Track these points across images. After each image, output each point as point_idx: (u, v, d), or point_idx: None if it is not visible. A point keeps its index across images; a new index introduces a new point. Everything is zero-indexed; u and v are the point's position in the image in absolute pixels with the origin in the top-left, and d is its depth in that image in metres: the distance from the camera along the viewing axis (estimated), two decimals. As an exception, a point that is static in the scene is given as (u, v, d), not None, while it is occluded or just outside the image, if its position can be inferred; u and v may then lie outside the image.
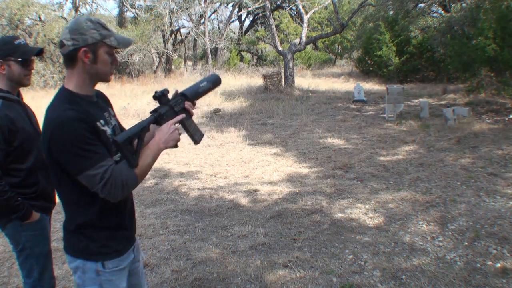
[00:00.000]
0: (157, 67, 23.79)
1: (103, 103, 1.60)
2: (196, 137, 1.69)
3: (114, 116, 1.63)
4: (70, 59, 1.45)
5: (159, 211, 4.30)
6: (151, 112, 1.58)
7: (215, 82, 1.76)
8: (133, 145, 1.49)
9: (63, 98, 1.43)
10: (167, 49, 22.15)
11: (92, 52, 1.43)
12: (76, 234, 1.51)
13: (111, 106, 1.66)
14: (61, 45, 1.44)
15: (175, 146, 1.57)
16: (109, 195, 1.39)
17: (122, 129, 1.64)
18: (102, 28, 1.45)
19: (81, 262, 1.51)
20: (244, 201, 4.50)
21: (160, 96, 1.58)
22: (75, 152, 1.34)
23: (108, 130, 1.50)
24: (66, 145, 1.34)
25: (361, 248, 3.28)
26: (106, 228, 1.52)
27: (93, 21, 1.44)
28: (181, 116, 1.60)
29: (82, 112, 1.40)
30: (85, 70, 1.45)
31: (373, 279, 2.82)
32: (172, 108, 1.60)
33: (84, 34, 1.42)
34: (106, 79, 1.52)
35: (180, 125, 1.61)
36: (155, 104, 1.68)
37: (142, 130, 1.50)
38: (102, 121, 1.48)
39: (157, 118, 1.56)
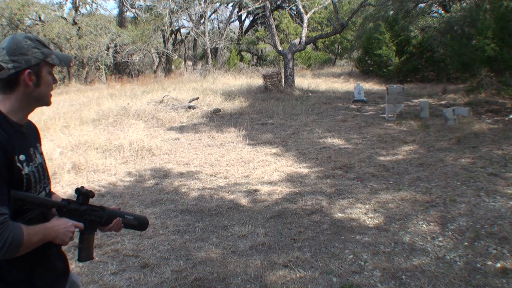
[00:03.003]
0: (157, 67, 23.82)
1: (33, 137, 1.42)
2: (84, 254, 1.52)
3: (41, 154, 1.45)
4: (10, 83, 1.26)
5: (159, 211, 4.30)
6: (63, 199, 1.45)
7: (140, 223, 1.69)
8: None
9: None
10: (167, 49, 22.17)
11: (35, 74, 1.29)
12: None
13: (39, 141, 1.48)
14: None
15: (60, 244, 1.42)
16: None
17: (46, 169, 1.46)
18: (43, 46, 1.32)
19: None
20: (244, 201, 4.50)
21: (83, 194, 1.47)
22: None
23: (26, 169, 1.29)
24: None
25: (361, 248, 3.28)
26: (22, 267, 1.29)
27: (32, 39, 1.30)
28: (81, 225, 1.47)
29: (4, 139, 1.21)
30: (26, 94, 1.29)
31: (373, 279, 2.82)
32: (84, 214, 1.48)
33: (26, 55, 1.26)
34: (47, 102, 1.37)
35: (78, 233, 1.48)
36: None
37: (40, 205, 1.36)
38: (22, 156, 1.28)
39: (63, 209, 1.42)
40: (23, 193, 1.30)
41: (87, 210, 1.49)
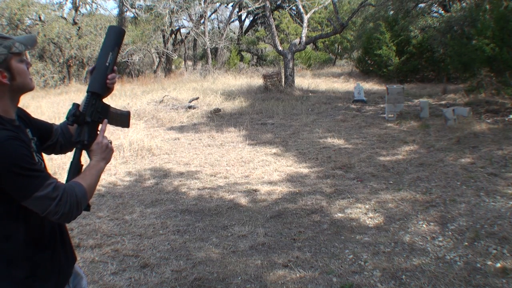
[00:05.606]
0: (157, 67, 23.79)
1: (23, 125, 1.41)
2: (125, 124, 1.61)
3: (33, 138, 1.43)
4: None
5: (159, 211, 4.30)
6: (76, 142, 1.46)
7: (118, 42, 1.52)
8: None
9: None
10: (167, 49, 22.15)
11: (6, 69, 1.27)
12: None
13: (30, 125, 1.45)
14: None
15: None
16: (62, 216, 1.25)
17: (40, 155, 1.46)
18: (3, 40, 1.28)
19: None
20: (244, 201, 4.50)
21: (74, 120, 1.42)
22: (20, 173, 1.19)
23: (36, 157, 1.33)
24: (7, 166, 1.17)
25: (361, 248, 3.28)
26: (29, 262, 1.31)
27: None
28: (105, 124, 1.50)
29: (15, 132, 1.25)
30: (5, 91, 1.29)
31: (373, 279, 2.82)
32: (94, 123, 1.48)
33: None
34: (29, 88, 1.37)
35: (106, 131, 1.51)
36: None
37: (79, 172, 1.42)
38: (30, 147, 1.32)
39: (84, 148, 1.46)
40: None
41: (92, 119, 1.47)
